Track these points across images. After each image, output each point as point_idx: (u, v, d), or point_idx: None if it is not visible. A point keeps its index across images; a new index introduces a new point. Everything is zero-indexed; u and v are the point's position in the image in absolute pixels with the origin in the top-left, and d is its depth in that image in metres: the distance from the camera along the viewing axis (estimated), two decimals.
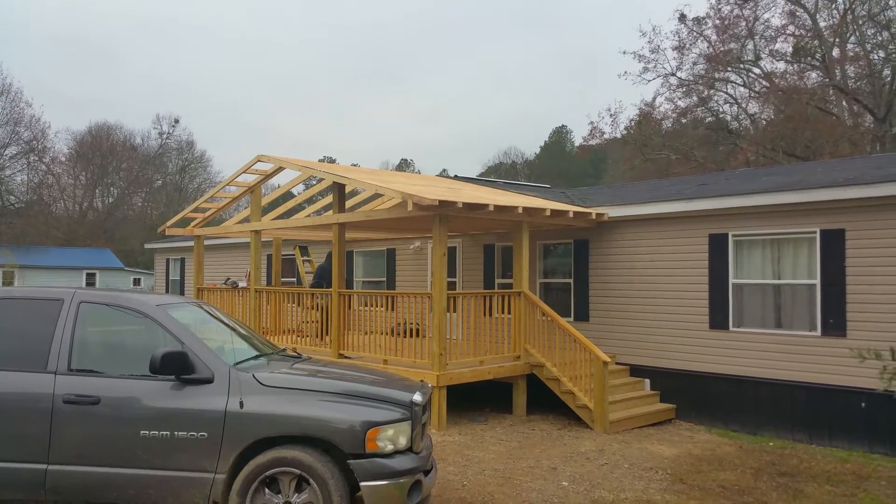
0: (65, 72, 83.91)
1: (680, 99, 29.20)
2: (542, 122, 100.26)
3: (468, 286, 13.37)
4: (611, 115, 36.76)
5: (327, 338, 11.03)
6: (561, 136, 65.73)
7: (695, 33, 28.23)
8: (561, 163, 58.28)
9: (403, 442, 4.70)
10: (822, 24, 26.38)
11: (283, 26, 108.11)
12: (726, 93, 29.25)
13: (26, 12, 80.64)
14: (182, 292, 20.80)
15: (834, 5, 26.25)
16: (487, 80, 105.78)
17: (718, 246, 9.93)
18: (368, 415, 4.61)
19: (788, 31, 26.91)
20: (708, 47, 28.11)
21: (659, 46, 30.90)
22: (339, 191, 10.96)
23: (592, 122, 39.58)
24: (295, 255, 15.63)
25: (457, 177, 15.22)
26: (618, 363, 10.79)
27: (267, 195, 14.70)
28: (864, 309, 8.54)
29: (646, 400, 10.26)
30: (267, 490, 4.55)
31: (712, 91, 28.73)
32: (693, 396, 10.08)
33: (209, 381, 4.69)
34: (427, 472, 4.94)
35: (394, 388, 5.02)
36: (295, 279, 16.26)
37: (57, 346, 4.88)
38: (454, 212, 9.03)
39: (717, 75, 28.31)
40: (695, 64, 28.54)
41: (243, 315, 12.71)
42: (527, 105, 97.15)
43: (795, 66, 27.53)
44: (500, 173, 55.72)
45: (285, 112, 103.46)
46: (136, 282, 45.84)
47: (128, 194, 56.62)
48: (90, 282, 43.40)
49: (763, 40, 27.62)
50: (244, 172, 12.20)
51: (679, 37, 28.46)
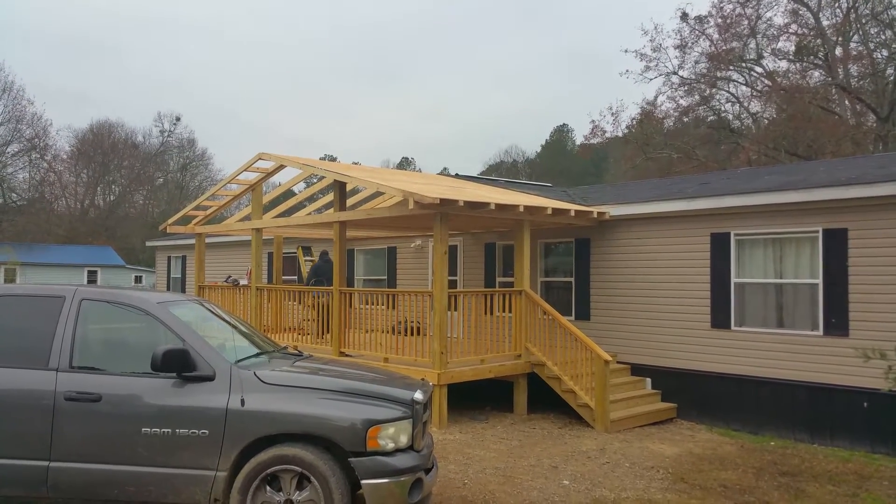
0: (66, 70, 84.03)
1: (682, 98, 29.19)
2: (544, 120, 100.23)
3: (469, 285, 13.36)
4: (612, 114, 36.65)
5: (328, 336, 11.04)
6: (562, 134, 65.71)
7: (697, 32, 28.21)
8: (562, 161, 58.23)
9: (404, 440, 4.69)
10: (825, 22, 26.34)
11: (283, 25, 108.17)
12: (728, 92, 29.23)
13: (28, 10, 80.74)
14: (183, 290, 20.82)
15: (837, 4, 26.19)
16: (488, 79, 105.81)
17: (720, 245, 9.91)
18: (369, 413, 4.61)
19: (791, 30, 26.89)
20: (710, 46, 28.08)
21: (661, 45, 30.95)
22: (340, 189, 10.96)
23: (594, 121, 39.64)
24: (297, 254, 15.67)
25: (458, 175, 15.21)
26: (619, 362, 10.78)
27: (268, 193, 14.71)
28: (866, 308, 8.53)
29: (647, 399, 10.26)
30: (268, 488, 4.55)
31: (714, 90, 28.69)
32: (694, 396, 10.07)
33: (210, 378, 4.69)
34: (428, 471, 4.94)
35: (395, 387, 5.01)
36: (296, 277, 16.30)
37: (58, 344, 4.88)
38: (455, 210, 9.03)
39: (719, 74, 28.26)
40: (697, 63, 28.54)
41: (244, 313, 12.72)
42: (528, 103, 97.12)
43: (798, 64, 27.50)
44: (502, 172, 55.72)
45: (286, 110, 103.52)
46: (138, 279, 45.88)
47: (129, 192, 56.67)
48: (91, 279, 43.44)
49: (765, 39, 27.60)
50: (245, 170, 12.21)
51: (681, 35, 28.45)
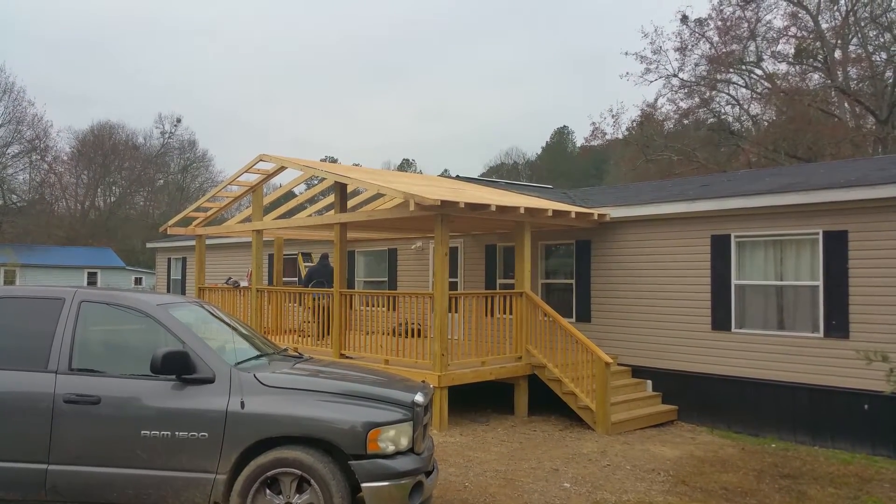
0: (67, 71, 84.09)
1: (682, 100, 29.21)
2: (544, 122, 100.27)
3: (470, 286, 13.35)
4: (613, 116, 36.81)
5: (328, 338, 11.02)
6: (563, 136, 65.76)
7: (697, 34, 28.24)
8: (563, 163, 58.26)
9: (405, 443, 4.68)
10: (825, 25, 26.36)
11: (284, 27, 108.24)
12: (728, 94, 29.25)
13: (29, 11, 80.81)
14: (183, 292, 20.80)
15: (836, 7, 26.22)
16: (489, 81, 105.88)
17: (721, 247, 9.90)
18: (370, 415, 4.59)
19: (790, 33, 26.90)
20: (710, 48, 28.13)
21: (661, 47, 31.01)
22: (340, 191, 10.95)
23: (594, 123, 39.37)
24: (297, 260, 15.72)
25: (458, 177, 15.21)
26: (620, 364, 10.76)
27: (269, 195, 14.70)
28: (867, 311, 8.52)
29: (648, 401, 10.24)
30: (268, 491, 4.53)
31: (714, 92, 28.72)
32: (695, 398, 10.05)
33: (210, 381, 4.67)
34: (428, 473, 4.93)
35: (395, 389, 5.00)
36: (297, 279, 16.31)
37: (58, 346, 4.86)
38: (456, 212, 9.02)
39: (718, 76, 28.29)
40: (697, 65, 28.57)
41: (244, 315, 12.70)
42: (528, 105, 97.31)
43: (797, 67, 27.51)
44: (502, 174, 55.74)
45: (287, 112, 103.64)
46: (138, 281, 45.88)
47: (130, 193, 56.70)
48: (91, 281, 43.45)
49: (765, 42, 27.63)
50: (246, 172, 12.20)
51: (681, 38, 28.49)
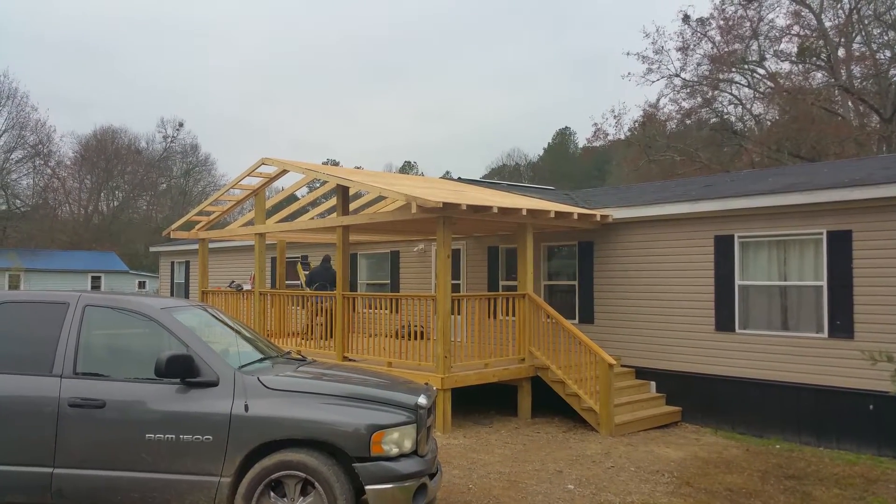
0: (69, 76, 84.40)
1: (684, 100, 29.16)
2: (546, 123, 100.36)
3: (472, 288, 13.35)
4: (615, 117, 36.61)
5: (331, 341, 11.03)
6: (564, 137, 65.74)
7: (699, 34, 28.19)
8: (565, 164, 58.25)
9: (408, 445, 4.68)
10: (828, 24, 26.31)
11: (286, 29, 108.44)
12: (731, 94, 29.21)
13: (31, 17, 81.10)
14: (187, 295, 20.83)
15: (839, 5, 26.16)
16: (491, 82, 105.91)
17: (724, 247, 9.88)
18: (373, 418, 4.60)
19: (793, 32, 26.85)
20: (712, 48, 28.08)
21: (663, 47, 30.83)
22: (342, 193, 10.96)
23: (596, 124, 39.54)
24: (297, 267, 15.76)
25: (460, 179, 15.22)
26: (623, 365, 10.74)
27: (271, 198, 14.71)
28: (871, 311, 8.49)
29: (652, 402, 10.22)
30: (272, 493, 4.54)
31: (717, 92, 28.68)
32: (699, 399, 10.03)
33: (214, 384, 4.68)
34: (432, 476, 4.93)
35: (398, 391, 5.00)
36: (299, 283, 16.33)
37: (62, 350, 4.88)
38: (458, 214, 9.02)
39: (721, 76, 28.24)
40: (699, 65, 28.52)
41: (248, 318, 12.72)
42: (530, 107, 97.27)
43: (800, 66, 27.45)
44: (504, 175, 55.79)
45: (289, 115, 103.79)
46: (141, 285, 45.98)
47: (132, 198, 56.85)
48: (95, 285, 43.57)
49: (767, 41, 27.57)
50: (248, 175, 12.22)
51: (683, 38, 28.44)
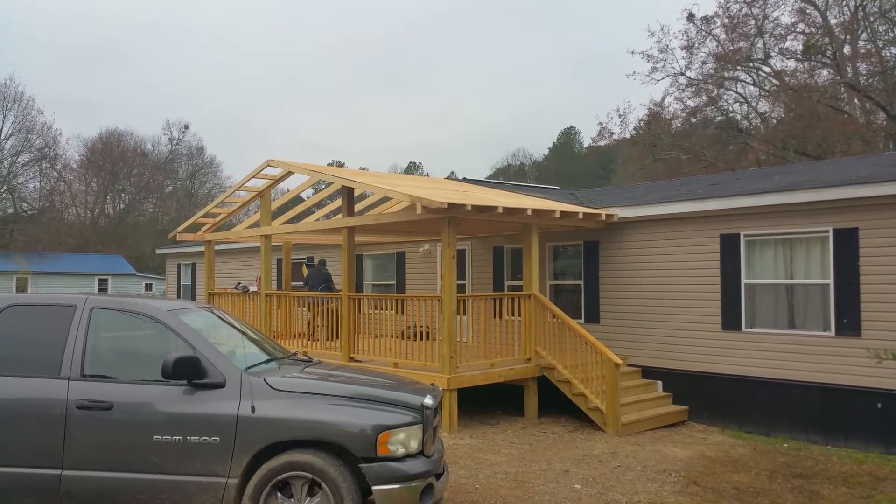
0: (76, 79, 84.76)
1: (689, 98, 29.07)
2: (551, 123, 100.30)
3: (478, 289, 13.35)
4: (620, 116, 36.56)
5: (337, 341, 11.04)
6: (569, 137, 65.63)
7: (703, 32, 28.09)
8: (570, 164, 58.13)
9: (415, 445, 4.69)
10: (833, 21, 26.18)
11: (291, 30, 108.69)
12: (736, 92, 29.09)
13: (37, 20, 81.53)
14: (193, 297, 20.91)
15: (844, 2, 26.03)
16: (495, 82, 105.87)
17: (730, 246, 9.86)
18: (380, 418, 4.61)
19: (798, 29, 26.75)
20: (717, 46, 27.97)
21: (667, 46, 30.64)
22: (347, 195, 10.98)
23: (601, 123, 39.40)
24: (303, 268, 15.79)
25: (465, 179, 15.22)
26: (630, 365, 10.73)
27: (276, 200, 14.73)
28: (878, 308, 8.45)
29: (658, 402, 10.20)
30: (279, 494, 4.55)
31: (722, 90, 28.57)
32: (706, 398, 10.00)
33: (221, 385, 4.70)
34: (439, 476, 4.94)
35: (405, 392, 5.01)
36: (304, 284, 16.38)
37: (70, 352, 4.91)
38: (463, 214, 9.02)
39: (726, 74, 28.15)
40: (704, 63, 28.41)
41: (254, 319, 12.75)
42: (535, 106, 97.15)
43: (806, 63, 27.33)
44: (509, 175, 55.76)
45: (294, 116, 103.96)
46: (148, 287, 46.11)
47: (139, 200, 57.07)
48: (102, 287, 43.73)
49: (773, 38, 27.44)
50: (254, 177, 12.26)
51: (688, 36, 28.34)
